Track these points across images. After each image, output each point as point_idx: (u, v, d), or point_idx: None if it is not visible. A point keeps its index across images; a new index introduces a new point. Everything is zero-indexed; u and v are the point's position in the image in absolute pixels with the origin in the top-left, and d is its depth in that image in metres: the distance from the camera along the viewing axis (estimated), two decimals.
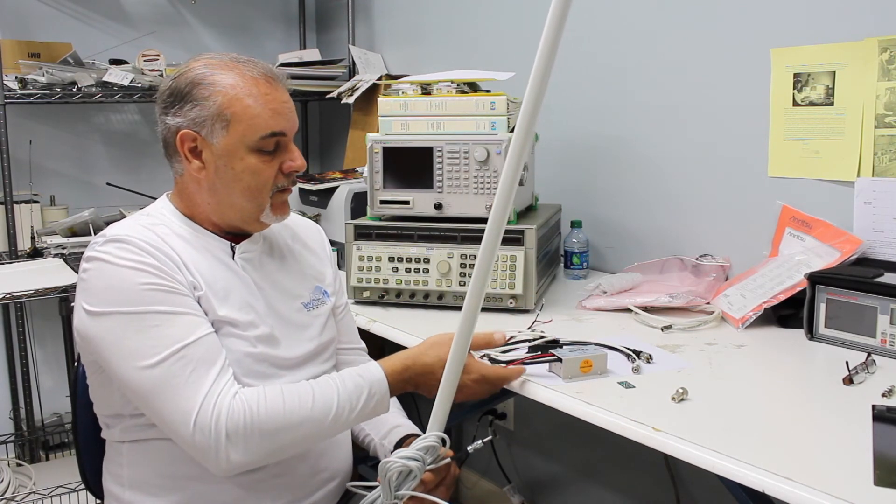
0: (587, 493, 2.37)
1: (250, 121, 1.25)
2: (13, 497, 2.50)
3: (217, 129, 1.25)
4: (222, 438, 1.14)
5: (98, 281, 1.20)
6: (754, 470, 1.01)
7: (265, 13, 3.33)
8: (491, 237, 1.15)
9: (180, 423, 1.15)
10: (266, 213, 1.31)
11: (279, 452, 1.21)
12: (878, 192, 1.63)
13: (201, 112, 1.25)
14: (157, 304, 1.18)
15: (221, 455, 1.14)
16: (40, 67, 2.57)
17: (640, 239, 2.12)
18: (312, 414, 1.20)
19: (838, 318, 1.51)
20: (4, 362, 2.87)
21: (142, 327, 1.17)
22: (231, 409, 1.15)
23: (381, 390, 1.27)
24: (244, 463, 1.16)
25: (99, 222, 2.62)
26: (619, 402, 1.24)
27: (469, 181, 1.81)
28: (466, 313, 1.18)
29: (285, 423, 1.18)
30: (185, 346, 1.17)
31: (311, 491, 1.34)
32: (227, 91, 1.24)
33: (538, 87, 1.04)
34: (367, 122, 2.90)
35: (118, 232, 1.24)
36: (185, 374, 1.16)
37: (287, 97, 1.30)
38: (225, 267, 1.31)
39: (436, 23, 2.74)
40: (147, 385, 1.16)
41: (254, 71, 1.27)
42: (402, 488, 1.17)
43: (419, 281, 1.81)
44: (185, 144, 1.27)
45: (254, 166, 1.27)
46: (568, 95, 2.24)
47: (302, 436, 1.20)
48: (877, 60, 1.61)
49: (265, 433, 1.16)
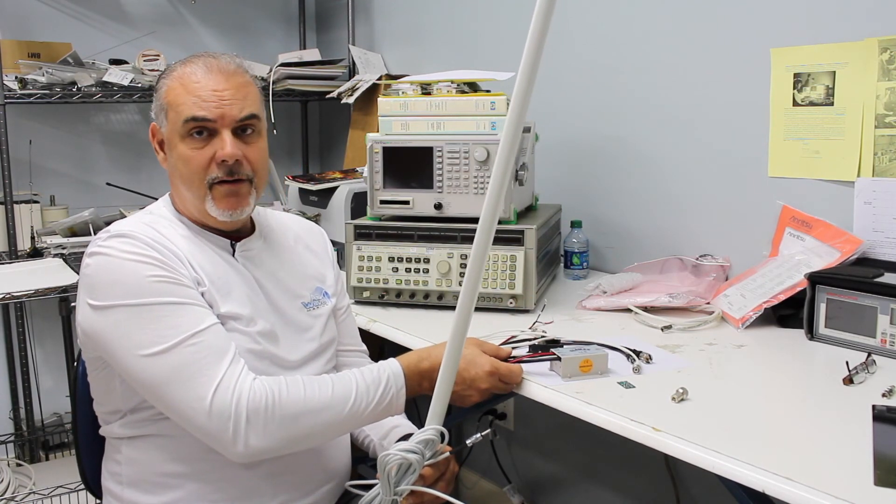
0: (587, 493, 2.37)
1: (177, 108, 1.28)
2: (13, 497, 2.50)
3: (162, 119, 1.32)
4: (242, 421, 1.13)
5: (103, 275, 1.21)
6: (754, 470, 1.01)
7: (265, 13, 3.33)
8: (484, 231, 1.12)
9: (195, 409, 1.14)
10: (209, 205, 1.29)
11: (298, 440, 1.19)
12: (878, 192, 1.63)
13: (156, 103, 1.33)
14: (164, 296, 1.18)
15: (240, 439, 1.14)
16: (40, 67, 2.57)
17: (640, 239, 2.12)
18: (332, 402, 1.20)
19: (838, 318, 1.51)
20: (4, 362, 2.88)
21: (151, 318, 1.17)
22: (252, 391, 1.15)
23: (398, 383, 1.26)
24: (263, 449, 1.16)
25: (99, 222, 2.62)
26: (619, 402, 1.24)
27: (469, 181, 1.81)
28: (461, 308, 1.16)
29: (306, 408, 1.18)
30: (196, 333, 1.17)
31: (309, 490, 1.34)
32: (169, 82, 1.31)
33: (528, 75, 1.02)
34: (367, 122, 2.90)
35: (121, 228, 1.25)
36: (197, 360, 1.16)
37: (224, 86, 1.28)
38: (226, 263, 1.32)
39: (436, 23, 2.74)
40: (158, 373, 1.16)
41: (203, 61, 1.31)
42: (402, 483, 1.15)
43: (419, 281, 1.81)
44: (155, 137, 1.36)
45: (183, 154, 1.29)
46: (568, 95, 2.24)
47: (321, 423, 1.20)
48: (877, 60, 1.61)
49: (286, 417, 1.16)
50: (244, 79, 1.32)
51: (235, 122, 1.29)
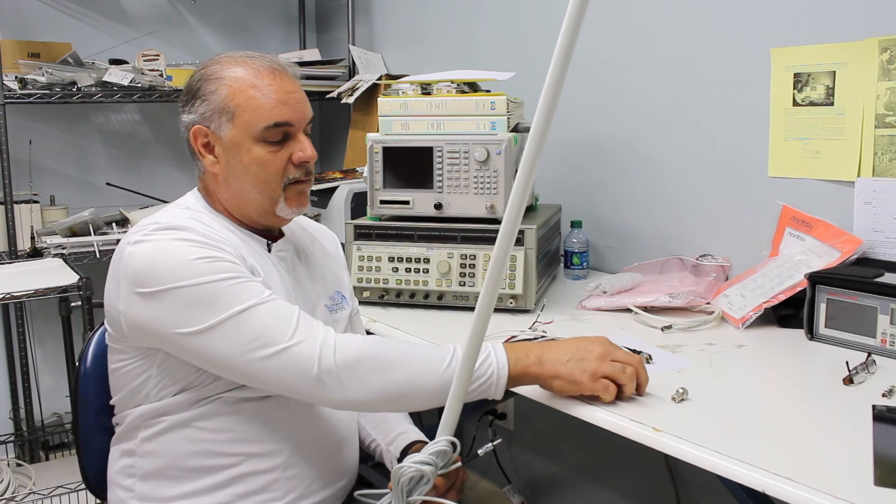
0: (587, 493, 2.37)
1: (253, 111, 1.26)
2: (13, 497, 2.50)
3: (224, 122, 1.27)
4: (337, 374, 1.14)
5: (153, 262, 1.18)
6: (754, 470, 1.01)
7: (265, 13, 3.33)
8: (505, 236, 1.11)
9: (289, 366, 1.14)
10: (281, 205, 1.30)
11: (392, 391, 1.17)
12: (878, 192, 1.63)
13: (209, 106, 1.27)
14: (221, 273, 1.17)
15: (340, 390, 1.14)
16: (40, 67, 2.57)
17: (640, 239, 2.12)
18: (431, 352, 1.20)
19: (838, 318, 1.51)
20: (4, 362, 2.88)
21: (213, 294, 1.16)
22: (345, 342, 1.16)
23: (500, 360, 1.20)
24: (361, 399, 1.16)
25: (99, 222, 2.62)
26: (619, 402, 1.24)
27: (469, 181, 1.81)
28: (480, 312, 1.13)
29: (400, 357, 1.18)
30: (264, 300, 1.17)
31: (319, 488, 1.34)
32: (231, 84, 1.26)
33: (556, 83, 1.01)
34: (367, 122, 2.90)
35: (170, 221, 1.23)
36: (278, 320, 1.16)
37: (294, 87, 1.30)
38: (266, 260, 1.32)
39: (436, 23, 2.74)
40: (236, 342, 1.15)
41: (259, 63, 1.29)
42: (414, 493, 1.16)
43: (419, 281, 1.81)
44: (198, 140, 1.30)
45: (261, 157, 1.27)
46: (568, 95, 2.22)
47: (415, 373, 1.18)
48: (877, 60, 1.61)
49: (380, 368, 1.16)
50: (299, 80, 1.34)
51: (305, 124, 1.31)
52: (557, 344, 1.25)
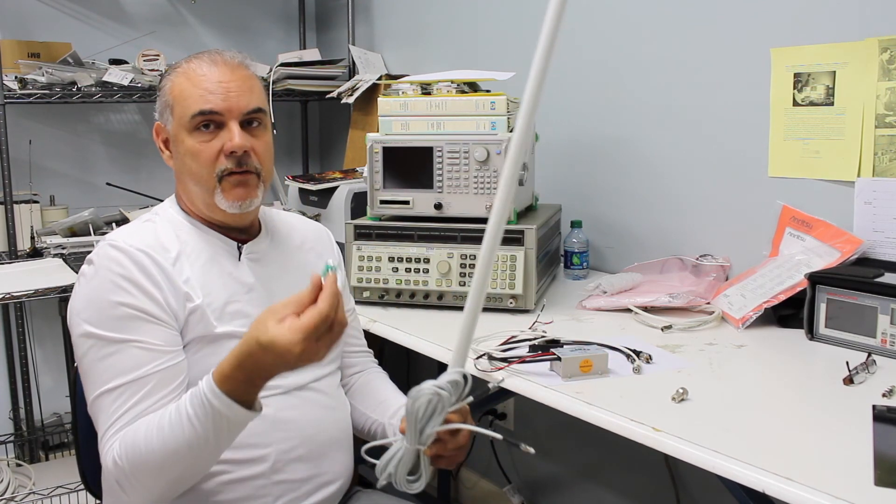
0: (587, 493, 2.37)
1: (183, 102, 1.29)
2: (13, 497, 2.50)
3: (168, 116, 1.32)
4: (118, 486, 1.17)
5: (81, 289, 1.26)
6: (754, 470, 1.01)
7: (265, 13, 3.33)
8: (491, 234, 1.08)
9: (104, 460, 1.19)
10: (218, 197, 1.29)
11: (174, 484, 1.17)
12: (879, 192, 1.63)
13: (160, 102, 1.33)
14: (108, 333, 1.21)
15: (129, 492, 1.17)
16: (40, 67, 2.57)
17: (640, 239, 2.12)
18: (181, 438, 1.12)
19: (838, 318, 1.51)
20: (4, 362, 2.87)
21: (85, 366, 1.23)
22: (114, 461, 1.16)
23: (208, 384, 1.09)
24: (148, 501, 1.18)
25: (99, 222, 2.62)
26: (619, 402, 1.24)
27: (469, 181, 1.81)
28: (469, 310, 1.07)
29: (163, 455, 1.14)
30: (114, 381, 1.20)
31: (309, 492, 1.33)
32: (173, 78, 1.32)
33: (538, 79, 1.00)
34: (367, 122, 2.90)
35: (117, 239, 1.27)
36: (107, 414, 1.19)
37: (229, 77, 1.29)
38: (227, 274, 1.31)
39: (436, 23, 2.74)
40: (93, 411, 1.24)
41: (206, 57, 1.32)
42: (428, 427, 1.00)
43: (419, 281, 1.81)
44: (159, 136, 1.36)
45: (192, 148, 1.29)
46: (568, 95, 2.24)
47: (187, 462, 1.14)
48: (877, 60, 1.61)
49: (150, 472, 1.15)
50: (248, 72, 1.33)
51: (242, 115, 1.29)
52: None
